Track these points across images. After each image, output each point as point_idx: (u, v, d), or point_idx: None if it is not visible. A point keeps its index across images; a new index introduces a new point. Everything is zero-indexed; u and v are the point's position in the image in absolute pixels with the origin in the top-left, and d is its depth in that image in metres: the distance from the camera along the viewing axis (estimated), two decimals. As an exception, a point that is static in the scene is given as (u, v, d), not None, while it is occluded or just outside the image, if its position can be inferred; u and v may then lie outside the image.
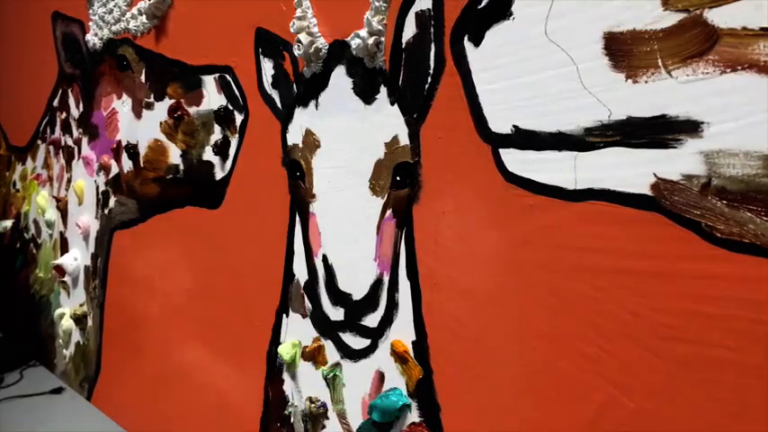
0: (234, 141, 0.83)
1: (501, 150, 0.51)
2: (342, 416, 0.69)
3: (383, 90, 0.61)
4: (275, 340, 0.78)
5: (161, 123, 0.96)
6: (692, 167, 0.39)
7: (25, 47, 1.47)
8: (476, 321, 0.54)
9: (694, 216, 0.39)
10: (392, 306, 0.62)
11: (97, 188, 1.20)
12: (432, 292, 0.58)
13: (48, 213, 1.44)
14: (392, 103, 0.60)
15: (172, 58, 0.93)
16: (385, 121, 0.61)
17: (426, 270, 0.58)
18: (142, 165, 1.03)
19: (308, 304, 0.72)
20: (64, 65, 1.29)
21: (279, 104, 0.74)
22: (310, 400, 0.72)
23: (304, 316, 0.73)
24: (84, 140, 1.24)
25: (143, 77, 1.01)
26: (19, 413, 1.22)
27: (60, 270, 1.32)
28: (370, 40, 0.60)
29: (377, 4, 0.59)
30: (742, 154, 0.37)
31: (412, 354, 0.60)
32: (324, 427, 0.71)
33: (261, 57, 0.76)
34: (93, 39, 1.12)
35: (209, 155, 0.87)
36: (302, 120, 0.71)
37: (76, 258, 1.32)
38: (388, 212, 0.61)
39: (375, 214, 0.62)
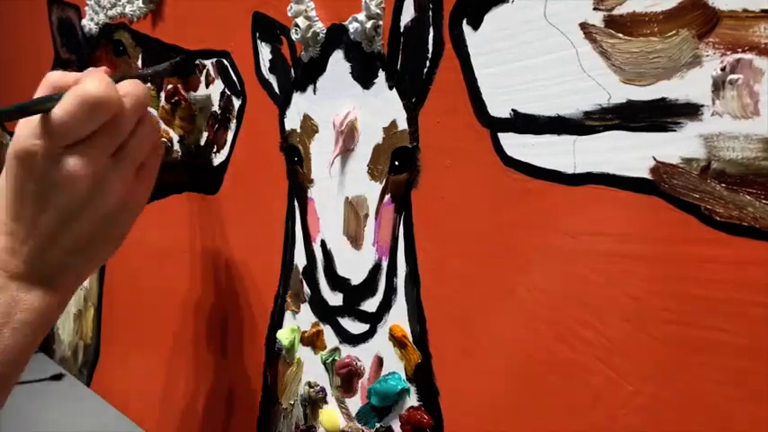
0: (231, 127, 0.82)
1: (500, 134, 0.51)
2: (340, 401, 0.69)
3: (381, 74, 0.60)
4: (274, 326, 0.78)
5: (158, 109, 0.96)
6: (692, 151, 0.39)
7: (21, 32, 1.46)
8: (474, 306, 0.54)
9: (694, 200, 0.39)
10: (391, 291, 0.62)
11: (94, 174, 1.20)
12: (430, 276, 0.58)
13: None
14: (390, 88, 0.60)
15: (168, 43, 0.93)
16: (383, 105, 0.60)
17: (425, 255, 0.58)
18: (139, 151, 1.03)
19: (306, 289, 0.72)
20: (60, 50, 1.28)
21: (276, 89, 0.74)
22: (309, 384, 0.72)
23: (303, 301, 0.73)
24: (81, 126, 1.24)
25: (139, 62, 1.00)
26: (19, 399, 1.22)
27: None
28: (368, 24, 0.59)
29: (375, -13, 0.59)
30: (742, 137, 0.37)
31: (410, 338, 0.60)
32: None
33: (258, 41, 0.76)
34: (89, 24, 1.11)
35: (206, 140, 0.87)
36: (300, 105, 0.70)
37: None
38: (387, 197, 0.61)
39: (373, 199, 0.62)
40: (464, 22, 0.52)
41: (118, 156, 0.53)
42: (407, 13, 0.57)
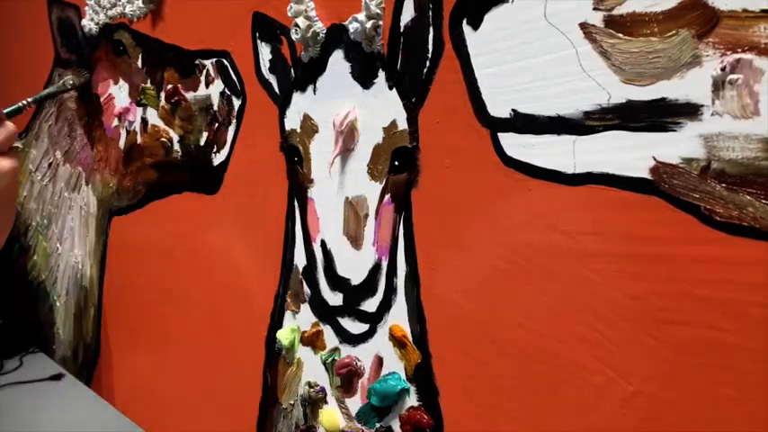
0: (231, 127, 0.82)
1: (500, 134, 0.51)
2: (340, 401, 0.69)
3: (381, 74, 0.60)
4: (274, 326, 0.78)
5: (158, 109, 0.96)
6: (692, 151, 0.39)
7: (21, 32, 1.46)
8: (474, 306, 0.54)
9: (693, 200, 0.39)
10: (391, 291, 0.62)
11: (94, 174, 1.20)
12: (430, 276, 0.58)
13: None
14: (390, 88, 0.60)
15: (168, 43, 0.93)
16: (383, 105, 0.60)
17: (425, 255, 0.58)
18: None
19: (306, 290, 0.72)
20: (60, 50, 1.28)
21: (276, 89, 0.74)
22: (309, 384, 0.72)
23: (303, 301, 0.73)
24: (81, 126, 1.24)
25: (139, 62, 1.00)
26: (18, 399, 1.22)
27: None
28: (368, 24, 0.59)
29: (375, -13, 0.59)
30: (742, 137, 0.37)
31: (410, 338, 0.60)
32: (323, 411, 0.72)
33: (258, 41, 0.76)
34: (89, 23, 1.11)
35: (206, 140, 0.87)
36: (300, 105, 0.70)
37: (74, 245, 1.31)
38: (387, 197, 0.61)
39: (373, 199, 0.62)
40: (464, 22, 0.52)
41: None
42: (407, 13, 0.57)
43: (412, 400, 0.60)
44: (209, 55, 0.85)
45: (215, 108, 0.85)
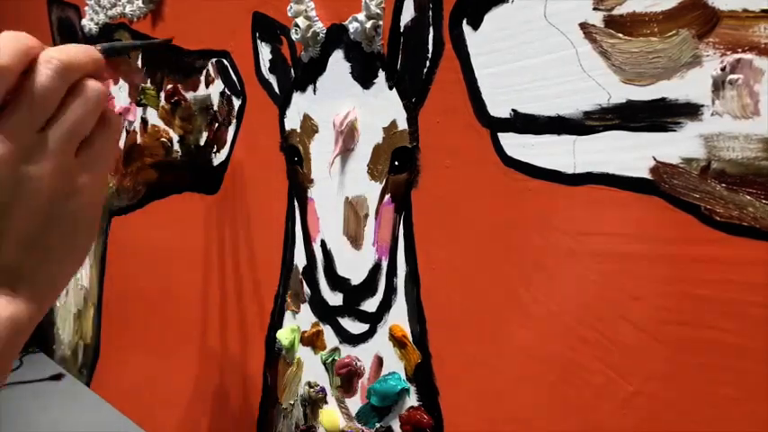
0: (231, 127, 0.82)
1: (500, 134, 0.51)
2: (340, 401, 0.69)
3: (381, 74, 0.60)
4: (274, 326, 0.78)
5: (158, 109, 0.96)
6: (692, 151, 0.39)
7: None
8: (474, 306, 0.54)
9: (694, 200, 0.39)
10: (391, 291, 0.62)
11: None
12: (430, 276, 0.58)
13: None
14: (390, 88, 0.60)
15: (168, 43, 0.93)
16: (383, 105, 0.60)
17: (425, 255, 0.58)
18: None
19: (306, 290, 0.72)
20: (60, 50, 1.28)
21: (276, 89, 0.74)
22: (309, 384, 0.72)
23: (303, 301, 0.73)
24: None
25: (139, 62, 1.01)
26: (18, 399, 1.23)
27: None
28: (368, 24, 0.59)
29: (375, -13, 0.59)
30: (742, 137, 0.37)
31: (410, 338, 0.60)
32: (323, 411, 0.72)
33: (258, 41, 0.76)
34: (89, 24, 1.11)
35: (206, 140, 0.87)
36: (300, 105, 0.70)
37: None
38: (387, 197, 0.61)
39: (373, 199, 0.62)
40: (464, 22, 0.52)
41: (45, 131, 0.42)
42: (407, 13, 0.57)
43: (412, 400, 0.60)
44: (209, 55, 0.85)
45: (215, 108, 0.85)
